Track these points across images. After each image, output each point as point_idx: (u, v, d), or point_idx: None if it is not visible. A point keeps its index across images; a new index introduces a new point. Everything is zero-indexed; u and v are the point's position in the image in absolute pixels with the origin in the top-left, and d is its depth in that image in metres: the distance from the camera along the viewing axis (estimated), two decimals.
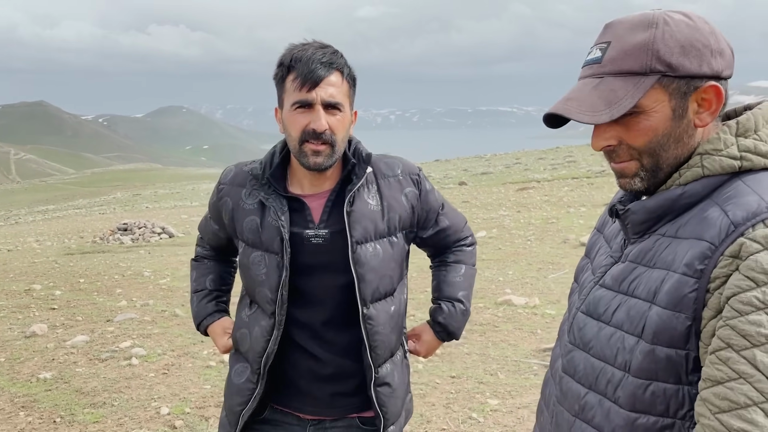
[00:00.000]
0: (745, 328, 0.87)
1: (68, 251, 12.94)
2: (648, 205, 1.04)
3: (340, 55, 1.64)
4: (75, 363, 5.03)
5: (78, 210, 37.11)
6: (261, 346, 1.69)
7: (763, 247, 0.88)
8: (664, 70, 0.98)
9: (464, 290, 1.93)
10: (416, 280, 7.19)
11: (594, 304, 1.10)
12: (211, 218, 1.90)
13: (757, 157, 0.99)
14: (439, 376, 4.34)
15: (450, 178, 23.24)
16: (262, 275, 1.68)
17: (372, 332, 1.68)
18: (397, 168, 1.77)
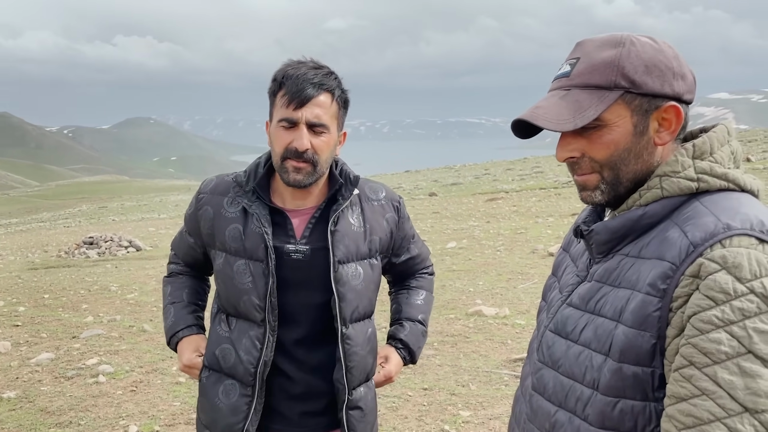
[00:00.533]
0: (706, 346, 0.91)
1: (32, 266, 12.63)
2: (610, 225, 1.08)
3: (333, 77, 1.66)
4: (40, 381, 4.91)
5: (42, 223, 36.26)
6: (254, 356, 1.67)
7: (720, 267, 0.92)
8: (627, 86, 1.04)
9: (424, 313, 1.96)
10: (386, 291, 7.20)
11: (562, 323, 1.13)
12: (187, 231, 1.88)
13: (713, 179, 1.03)
14: (411, 388, 4.35)
15: (420, 189, 23.36)
16: (248, 283, 1.67)
17: (350, 352, 1.69)
18: (381, 193, 1.81)
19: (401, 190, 23.38)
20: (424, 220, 14.18)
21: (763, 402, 0.88)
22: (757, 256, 0.92)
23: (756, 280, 0.91)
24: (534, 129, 1.11)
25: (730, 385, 0.89)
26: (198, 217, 1.78)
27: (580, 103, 1.04)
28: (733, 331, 0.90)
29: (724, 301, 0.91)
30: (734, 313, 0.90)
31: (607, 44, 1.06)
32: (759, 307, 0.89)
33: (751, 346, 0.89)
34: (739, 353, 0.89)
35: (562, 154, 1.09)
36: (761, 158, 19.88)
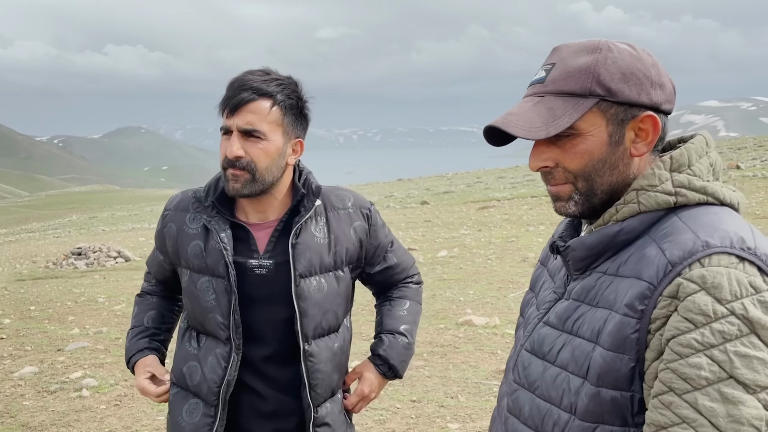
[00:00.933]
0: (686, 372, 0.87)
1: (19, 277, 12.50)
2: (587, 241, 1.04)
3: (277, 83, 1.60)
4: (22, 396, 4.82)
5: (31, 234, 35.99)
6: (218, 374, 1.62)
7: (699, 287, 0.88)
8: (603, 94, 0.99)
9: (407, 324, 1.87)
10: None
11: (539, 343, 1.08)
12: (157, 248, 1.84)
13: (692, 193, 0.99)
14: (399, 400, 4.30)
15: (412, 198, 23.35)
16: (211, 301, 1.63)
17: (313, 370, 1.64)
18: (348, 201, 1.75)
19: (393, 199, 23.36)
20: (415, 229, 14.15)
21: (745, 430, 0.83)
22: (737, 275, 0.88)
23: (737, 301, 0.86)
24: (508, 136, 1.06)
25: (711, 412, 0.85)
26: (164, 234, 1.75)
27: (554, 110, 1.00)
28: (714, 356, 0.86)
29: (704, 323, 0.86)
30: (714, 337, 0.86)
31: (584, 50, 1.02)
32: (740, 329, 0.85)
33: (733, 371, 0.85)
34: (720, 379, 0.85)
35: (535, 163, 1.05)
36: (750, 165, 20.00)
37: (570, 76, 1.01)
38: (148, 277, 1.95)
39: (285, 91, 1.61)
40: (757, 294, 0.87)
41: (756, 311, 0.86)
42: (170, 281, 1.86)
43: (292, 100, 1.62)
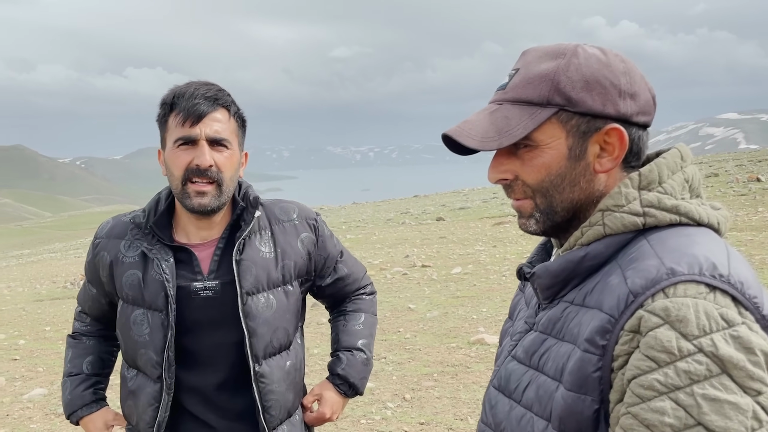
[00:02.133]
0: (648, 417, 0.77)
1: (38, 297, 12.61)
2: (551, 268, 0.95)
3: (226, 93, 1.57)
4: (30, 419, 4.81)
5: (53, 254, 36.42)
6: (150, 415, 1.55)
7: (663, 321, 0.78)
8: (562, 103, 0.91)
9: (364, 338, 1.80)
10: (390, 319, 7.08)
11: (506, 379, 1.00)
12: (89, 281, 1.73)
13: (662, 213, 0.89)
14: (407, 422, 4.21)
15: (428, 214, 23.25)
16: (144, 336, 1.54)
17: (265, 392, 1.56)
18: (293, 213, 1.69)
19: (409, 215, 23.29)
20: (430, 245, 14.05)
21: None
22: (705, 307, 0.77)
23: (705, 336, 0.76)
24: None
25: None
26: (96, 264, 1.66)
27: (509, 120, 0.92)
28: (679, 399, 0.75)
29: (668, 362, 0.76)
30: (679, 377, 0.75)
31: (548, 55, 0.94)
32: (709, 369, 0.75)
33: (701, 417, 0.74)
34: (686, 425, 0.75)
35: (494, 175, 0.97)
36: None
37: (529, 83, 0.93)
38: (81, 316, 1.83)
39: (234, 102, 1.58)
40: (730, 328, 0.77)
41: (727, 348, 0.75)
42: (107, 316, 1.74)
43: (240, 111, 1.60)
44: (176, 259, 1.56)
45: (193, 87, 1.53)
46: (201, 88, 1.53)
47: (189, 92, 1.51)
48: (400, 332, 6.49)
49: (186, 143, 1.50)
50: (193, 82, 1.56)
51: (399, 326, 6.73)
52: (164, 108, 1.55)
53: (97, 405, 1.74)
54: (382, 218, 23.87)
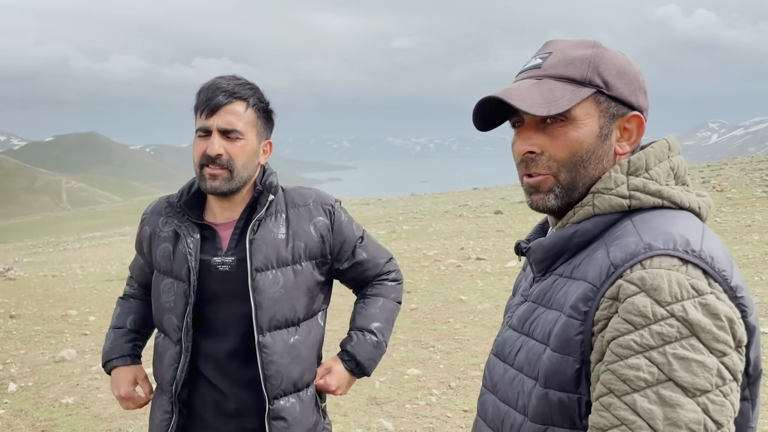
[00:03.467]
0: (625, 373, 0.85)
1: (108, 278, 13.27)
2: (544, 243, 1.04)
3: (249, 87, 1.70)
4: (97, 389, 5.14)
5: (123, 237, 38.08)
6: (170, 374, 1.70)
7: (639, 289, 0.87)
8: (600, 85, 1.00)
9: (379, 322, 1.87)
10: (441, 309, 7.14)
11: (501, 345, 1.10)
12: (137, 252, 1.93)
13: (646, 196, 0.98)
14: (450, 409, 4.28)
15: (486, 207, 23.05)
16: (170, 302, 1.71)
17: (267, 361, 1.67)
18: (309, 198, 1.80)
19: (467, 208, 23.17)
20: (486, 239, 13.99)
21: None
22: (678, 277, 0.86)
23: (677, 303, 0.85)
24: (494, 120, 1.07)
25: (649, 414, 0.83)
26: (141, 237, 1.85)
27: (554, 92, 1.00)
28: (653, 357, 0.84)
29: (643, 325, 0.85)
30: (653, 338, 0.84)
31: (581, 45, 1.04)
32: (680, 332, 0.84)
33: (671, 374, 0.83)
34: (658, 381, 0.84)
35: (523, 146, 1.03)
36: None
37: (570, 63, 1.02)
38: (131, 281, 2.04)
39: (256, 95, 1.71)
40: (699, 297, 0.85)
41: (696, 313, 0.84)
42: (150, 284, 1.90)
43: (262, 103, 1.72)
44: (202, 236, 1.73)
45: (218, 81, 1.68)
46: (223, 82, 1.67)
47: (212, 86, 1.66)
48: (449, 323, 6.55)
49: (203, 133, 1.66)
50: (224, 77, 1.70)
51: (449, 317, 6.79)
52: (195, 99, 1.70)
53: (131, 360, 1.91)
54: (439, 210, 23.83)
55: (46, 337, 7.27)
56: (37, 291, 11.65)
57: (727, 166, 25.50)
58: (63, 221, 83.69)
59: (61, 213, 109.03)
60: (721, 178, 20.36)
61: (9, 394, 5.14)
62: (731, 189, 17.01)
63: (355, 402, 4.48)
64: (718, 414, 0.83)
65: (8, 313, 9.08)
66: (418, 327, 6.51)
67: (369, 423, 4.09)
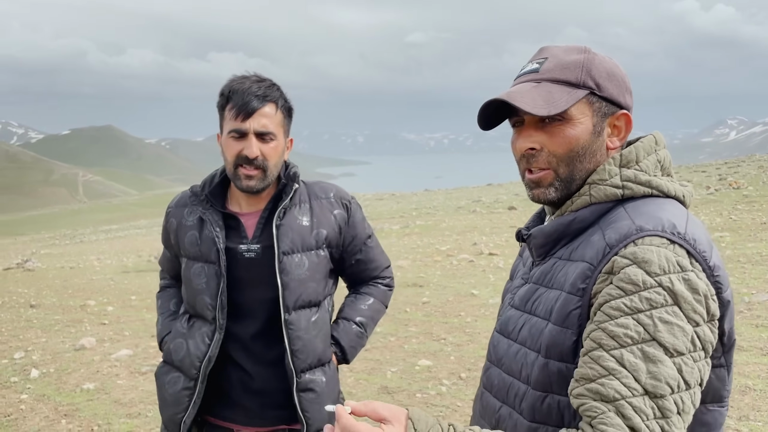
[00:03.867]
0: (614, 330, 0.95)
1: (125, 269, 13.49)
2: (545, 229, 1.14)
3: (276, 88, 1.79)
4: (117, 375, 5.28)
5: (139, 230, 38.49)
6: (202, 350, 1.79)
7: (631, 262, 0.97)
8: (593, 86, 1.11)
9: (365, 317, 1.98)
10: (452, 303, 7.22)
11: (505, 323, 1.19)
12: (165, 246, 2.03)
13: (637, 186, 1.08)
14: (460, 399, 4.37)
15: (500, 203, 23.05)
16: (202, 284, 1.80)
17: (293, 337, 1.78)
18: (330, 192, 1.92)
19: (480, 204, 23.19)
20: (499, 234, 14.04)
21: (662, 387, 0.92)
22: (666, 254, 0.96)
23: (664, 275, 0.95)
24: (496, 120, 1.17)
25: (634, 367, 0.93)
26: (167, 230, 1.95)
27: (552, 94, 1.10)
28: (640, 319, 0.94)
29: (633, 291, 0.95)
30: (642, 303, 0.94)
31: (573, 50, 1.14)
32: (666, 299, 0.94)
33: (656, 334, 0.93)
34: (644, 339, 0.94)
35: (524, 144, 1.13)
36: None
37: (566, 67, 1.12)
38: (163, 274, 2.14)
39: (283, 96, 1.80)
40: (683, 272, 0.96)
41: (680, 286, 0.95)
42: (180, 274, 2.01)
43: (287, 103, 1.82)
44: (226, 225, 1.83)
45: (247, 83, 1.76)
46: (253, 85, 1.75)
47: (243, 88, 1.74)
48: (461, 316, 6.63)
49: (238, 135, 1.74)
50: (248, 77, 1.79)
51: (460, 310, 6.87)
52: (222, 99, 1.79)
53: None
54: (453, 206, 23.87)
55: (65, 326, 7.45)
56: (55, 282, 11.88)
57: (745, 164, 25.28)
58: (79, 214, 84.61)
59: (78, 206, 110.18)
60: (738, 176, 20.21)
61: (32, 379, 5.30)
62: (748, 186, 16.90)
63: (366, 391, 4.57)
64: (689, 375, 0.94)
65: (28, 302, 9.29)
66: (429, 320, 6.60)
67: None
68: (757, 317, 5.63)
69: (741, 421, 3.72)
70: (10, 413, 4.53)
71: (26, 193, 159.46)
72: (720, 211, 13.47)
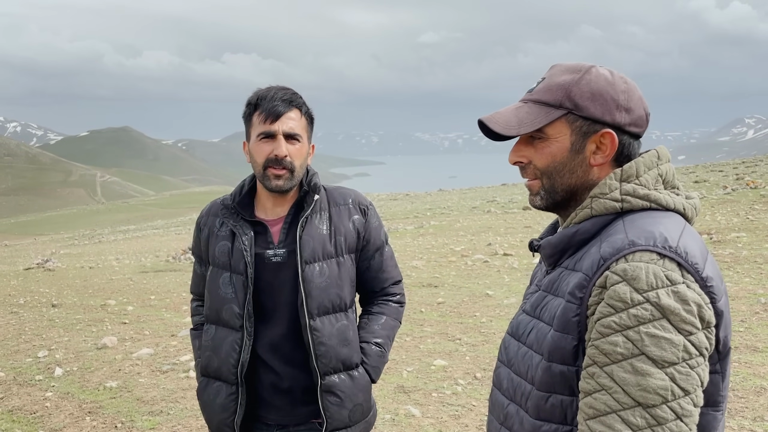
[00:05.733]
0: (605, 348, 1.02)
1: (143, 269, 13.67)
2: (552, 241, 1.21)
3: (299, 96, 1.89)
4: (139, 374, 5.40)
5: (156, 230, 38.89)
6: (234, 358, 1.87)
7: (621, 279, 1.03)
8: (571, 107, 1.17)
9: (381, 338, 2.04)
10: (467, 303, 7.27)
11: (516, 327, 1.26)
12: (195, 260, 2.08)
13: (636, 200, 1.14)
14: (475, 398, 4.42)
15: (515, 203, 23.04)
16: (230, 293, 1.88)
17: (317, 342, 1.86)
18: (349, 198, 2.00)
19: (495, 204, 23.19)
20: (514, 234, 14.05)
21: (652, 398, 0.98)
22: (654, 269, 1.01)
23: (652, 291, 1.00)
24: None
25: (624, 381, 1.00)
26: (200, 239, 2.02)
27: (529, 115, 1.19)
28: (629, 335, 1.00)
29: (623, 308, 1.01)
30: (630, 320, 1.00)
31: (569, 70, 1.20)
32: (653, 314, 0.99)
33: (644, 349, 0.99)
34: (633, 354, 1.00)
35: (513, 157, 1.24)
36: None
37: (549, 89, 1.19)
38: (195, 303, 2.14)
39: (305, 103, 1.90)
40: (672, 286, 1.01)
41: (668, 299, 1.00)
42: None
43: (309, 111, 1.92)
44: (255, 232, 1.91)
45: (272, 91, 1.87)
46: (279, 92, 1.86)
47: (270, 95, 1.85)
48: (476, 316, 6.68)
49: (267, 137, 1.84)
50: (272, 87, 1.90)
51: (476, 311, 6.91)
52: (249, 108, 1.88)
53: None
54: (467, 206, 23.87)
55: (87, 325, 7.59)
56: (75, 282, 12.07)
57: (763, 163, 25.02)
58: (98, 214, 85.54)
59: (96, 206, 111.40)
60: (755, 175, 20.02)
61: (56, 378, 5.43)
62: (765, 186, 16.74)
63: (383, 390, 4.64)
64: (684, 382, 0.99)
65: (50, 302, 9.47)
66: (444, 320, 6.65)
67: (397, 409, 4.25)
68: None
69: (756, 422, 3.74)
70: (35, 410, 4.65)
71: (45, 193, 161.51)
72: (737, 211, 13.38)
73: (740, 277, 7.33)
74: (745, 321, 5.65)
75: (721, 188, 17.65)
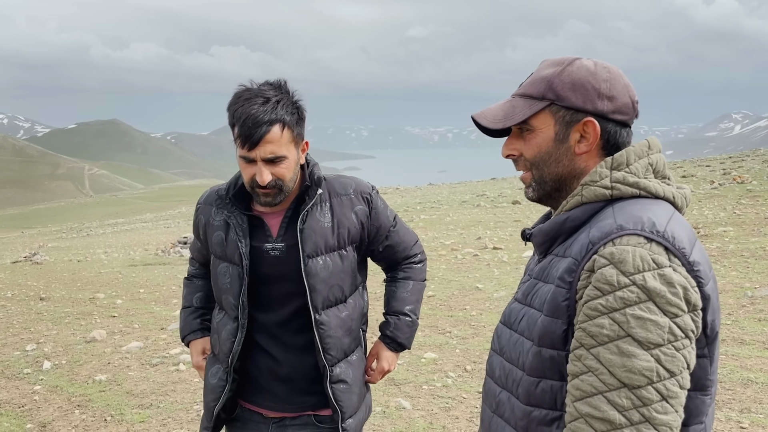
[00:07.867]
0: (592, 330, 1.04)
1: (132, 263, 13.60)
2: (543, 228, 1.22)
3: (282, 103, 1.74)
4: (128, 367, 5.38)
5: (145, 223, 38.68)
6: (228, 347, 1.89)
7: (608, 262, 1.04)
8: (553, 98, 1.20)
9: (411, 304, 2.09)
10: (457, 297, 7.29)
11: (508, 315, 1.27)
12: (195, 237, 2.10)
13: (625, 187, 1.15)
14: (466, 391, 4.44)
15: (504, 197, 23.08)
16: (227, 284, 1.89)
17: (324, 336, 1.87)
18: (350, 188, 1.95)
19: (484, 198, 23.24)
20: (503, 228, 14.10)
21: (638, 379, 0.99)
22: (641, 253, 1.03)
23: (638, 273, 1.01)
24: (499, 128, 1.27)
25: (610, 363, 1.01)
26: (197, 225, 2.02)
27: (515, 108, 1.23)
28: (615, 317, 1.02)
29: (609, 291, 1.02)
30: (616, 302, 1.02)
31: (554, 64, 1.23)
32: (638, 296, 1.01)
33: (629, 330, 1.00)
34: (619, 336, 1.01)
35: (505, 150, 1.27)
36: None
37: (533, 83, 1.23)
38: (192, 261, 2.22)
39: (287, 108, 1.75)
40: (659, 269, 1.02)
41: (654, 282, 1.01)
42: (209, 263, 2.08)
43: (294, 114, 1.77)
44: (251, 225, 1.89)
45: (253, 107, 1.70)
46: (259, 109, 1.70)
47: (247, 113, 1.70)
48: (466, 309, 6.71)
49: (247, 162, 1.76)
50: (254, 96, 1.73)
51: (465, 304, 6.94)
52: (229, 118, 1.76)
53: (201, 333, 2.13)
54: (457, 200, 23.91)
55: (75, 318, 7.56)
56: (63, 275, 12.00)
57: (749, 158, 25.22)
58: (86, 207, 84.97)
59: (84, 199, 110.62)
60: (742, 170, 20.18)
61: (44, 371, 5.40)
62: (752, 181, 16.89)
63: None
64: (670, 364, 1.00)
65: (38, 295, 9.41)
66: (435, 313, 6.67)
67: (387, 402, 4.26)
68: (759, 311, 5.68)
69: (743, 413, 3.79)
70: (24, 404, 4.63)
71: (33, 186, 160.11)
72: (724, 205, 13.49)
73: (727, 270, 7.40)
74: (732, 314, 5.71)
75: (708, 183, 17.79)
